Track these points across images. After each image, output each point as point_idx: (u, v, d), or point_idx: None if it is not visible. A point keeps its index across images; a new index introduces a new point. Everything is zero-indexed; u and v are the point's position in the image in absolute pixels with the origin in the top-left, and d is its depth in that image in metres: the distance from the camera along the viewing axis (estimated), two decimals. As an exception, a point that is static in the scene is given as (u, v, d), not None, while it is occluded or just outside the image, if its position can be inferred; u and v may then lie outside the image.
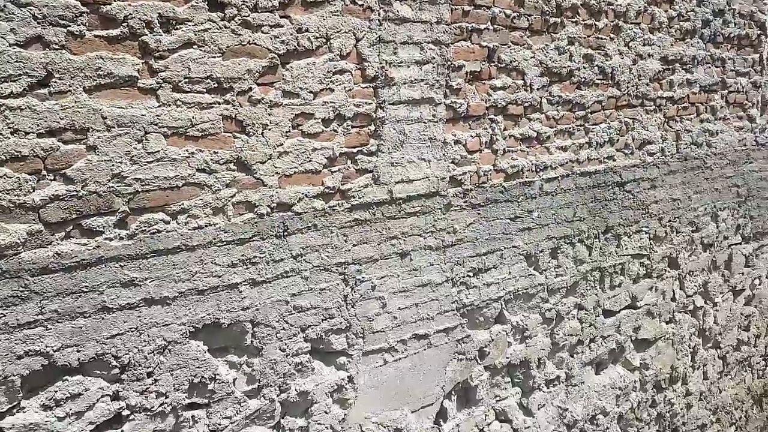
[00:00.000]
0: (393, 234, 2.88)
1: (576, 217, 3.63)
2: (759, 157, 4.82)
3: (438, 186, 2.96)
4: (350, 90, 2.59)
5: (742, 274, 5.12)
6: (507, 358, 3.57)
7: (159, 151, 2.15)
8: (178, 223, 2.24)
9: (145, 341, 2.26)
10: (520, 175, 3.29)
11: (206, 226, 2.30)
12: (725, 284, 4.98)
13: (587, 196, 3.64)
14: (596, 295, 3.94)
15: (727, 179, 4.56)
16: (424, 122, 2.86)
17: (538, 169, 3.35)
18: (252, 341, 2.56)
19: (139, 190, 2.14)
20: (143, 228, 2.18)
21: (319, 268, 2.67)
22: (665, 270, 4.36)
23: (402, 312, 3.04)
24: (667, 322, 4.56)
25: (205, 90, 2.22)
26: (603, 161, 3.67)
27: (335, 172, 2.59)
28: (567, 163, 3.48)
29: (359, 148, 2.65)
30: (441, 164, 2.94)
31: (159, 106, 2.14)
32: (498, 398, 3.62)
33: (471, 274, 3.27)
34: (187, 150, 2.21)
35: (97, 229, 2.08)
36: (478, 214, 3.19)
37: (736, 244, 4.91)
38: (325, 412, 2.86)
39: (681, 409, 4.96)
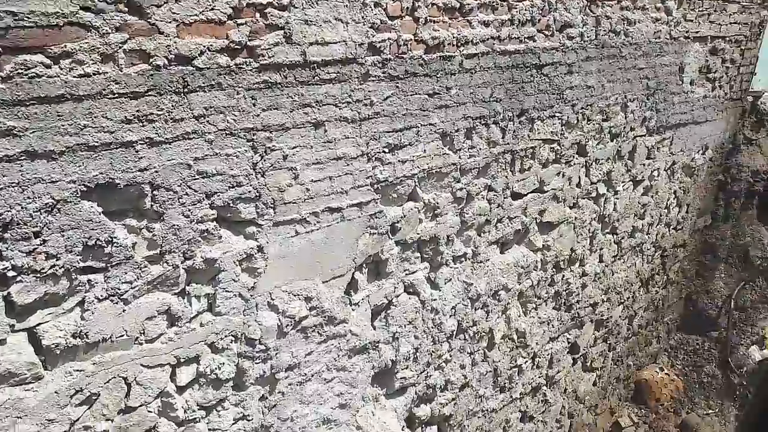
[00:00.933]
0: (306, 101, 2.75)
1: (493, 98, 3.61)
2: (671, 51, 4.94)
3: (356, 52, 2.82)
4: (260, -67, 2.34)
5: (644, 165, 5.41)
6: (417, 234, 3.64)
7: (32, -20, 1.86)
8: (61, 69, 2.01)
9: (29, 198, 2.09)
10: (441, 48, 3.18)
11: (94, 74, 2.08)
12: (627, 174, 5.25)
13: (505, 77, 3.61)
14: (506, 177, 4.03)
15: (639, 71, 4.67)
16: (342, -20, 2.65)
17: (459, 44, 3.25)
18: (152, 205, 2.43)
19: (12, 25, 1.88)
20: (19, 71, 1.93)
21: (225, 132, 2.52)
22: (574, 156, 4.51)
23: (315, 184, 2.98)
24: (570, 207, 4.79)
25: None
26: (523, 41, 3.61)
27: (242, 25, 2.38)
28: (488, 39, 3.40)
29: (269, 0, 2.43)
30: (359, 28, 2.78)
31: (29, -74, 1.83)
32: (407, 272, 3.73)
33: (386, 149, 3.22)
34: (66, -18, 1.93)
35: (-39, 67, 1.82)
36: (397, 87, 3.10)
37: (640, 136, 5.14)
38: (234, 280, 2.83)
39: (576, 288, 5.36)
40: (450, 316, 4.12)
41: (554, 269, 4.94)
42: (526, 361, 5.10)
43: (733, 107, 6.45)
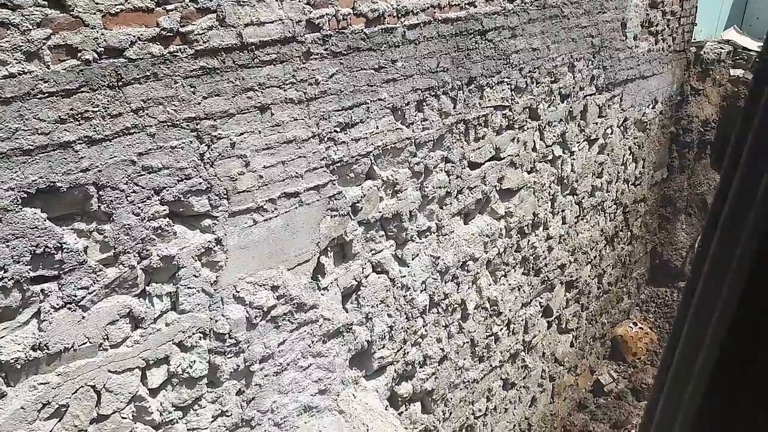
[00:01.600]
0: (248, 85, 2.70)
1: (440, 68, 3.60)
2: (611, 7, 5.00)
3: (294, 30, 2.77)
4: None
5: (596, 123, 5.49)
6: (379, 212, 3.63)
7: (-62, -21, 1.77)
8: (-18, 71, 1.92)
9: (-35, 210, 2.00)
10: (381, 20, 3.16)
11: (20, 74, 2.00)
12: (581, 134, 5.32)
13: (450, 45, 3.61)
14: (462, 147, 4.04)
15: (582, 29, 4.72)
16: (272, -42, 2.60)
17: (399, 15, 3.23)
18: (99, 206, 2.36)
19: None
20: (-64, 77, 1.84)
21: (167, 123, 2.46)
22: (526, 121, 4.55)
23: (268, 170, 2.93)
24: (528, 172, 4.84)
25: None
26: (464, 7, 3.61)
27: (171, 11, 2.32)
28: (428, 8, 3.38)
29: (197, -16, 2.37)
30: (295, 5, 2.73)
31: None
32: (374, 251, 3.72)
33: (338, 128, 3.19)
34: (-24, -21, 1.84)
35: None
36: (341, 63, 3.06)
37: (590, 95, 5.21)
38: (195, 276, 2.78)
39: (543, 252, 5.43)
40: (421, 291, 4.13)
41: (519, 235, 4.99)
42: (502, 329, 5.15)
43: (678, 59, 6.58)
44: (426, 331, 4.28)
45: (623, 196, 6.56)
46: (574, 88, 4.93)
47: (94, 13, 2.11)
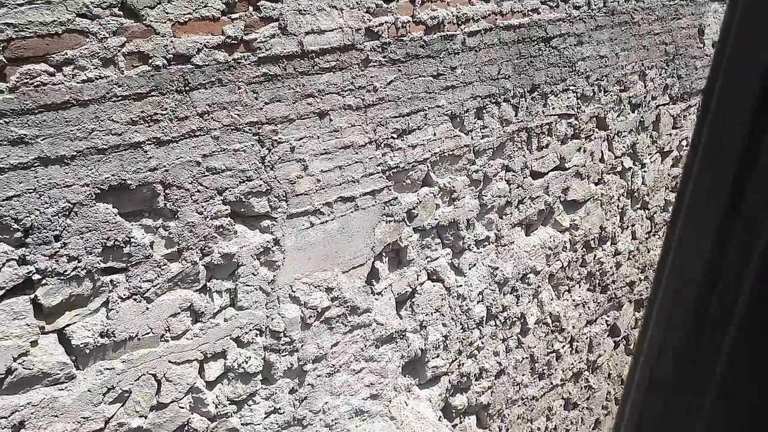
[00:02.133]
0: (308, 92, 2.79)
1: (501, 75, 3.58)
2: (687, 13, 4.80)
3: (353, 38, 2.85)
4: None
5: (670, 135, 5.26)
6: (436, 219, 3.63)
7: (28, -8, 1.96)
8: (65, 76, 2.10)
9: (46, 203, 2.18)
10: (441, 27, 3.18)
11: (97, 78, 2.16)
12: (653, 145, 5.12)
13: (512, 52, 3.58)
14: (524, 156, 3.99)
15: (654, 36, 4.56)
16: (333, -31, 2.69)
17: (459, 22, 3.25)
18: (165, 204, 2.50)
19: (13, 36, 1.97)
20: (25, 80, 2.03)
21: (230, 127, 2.58)
22: (593, 130, 4.43)
23: (325, 174, 3.01)
24: (595, 183, 4.70)
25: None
26: (527, 14, 3.58)
27: (236, 19, 2.44)
28: (490, 15, 3.38)
29: (261, -6, 2.49)
30: (355, 13, 2.81)
31: (22, -59, 1.92)
32: (429, 259, 3.72)
33: (395, 135, 3.23)
34: (61, -9, 2.02)
35: (-31, 80, 1.92)
36: (399, 70, 3.11)
37: (663, 105, 5.01)
38: (253, 274, 2.88)
39: (610, 267, 5.24)
40: (478, 302, 4.09)
41: (584, 249, 4.84)
42: (564, 346, 5.00)
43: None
44: (482, 343, 4.23)
45: (700, 213, 6.23)
46: (645, 97, 4.76)
47: (165, 23, 2.26)
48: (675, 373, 0.62)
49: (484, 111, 3.60)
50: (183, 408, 2.80)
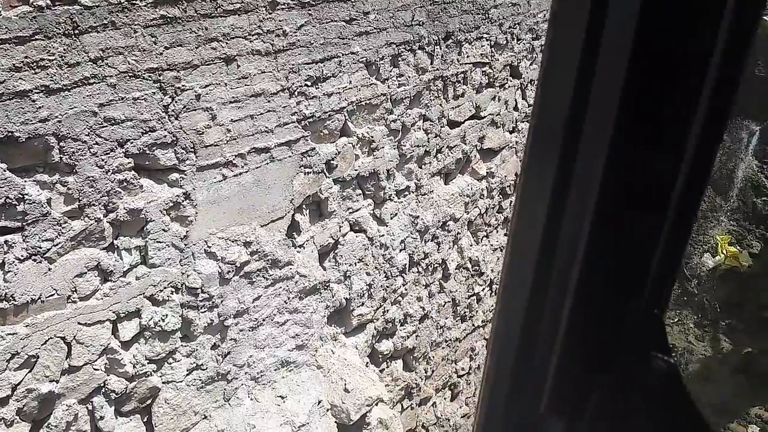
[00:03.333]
0: (212, 36, 2.66)
1: (415, 21, 3.55)
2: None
3: (257, -20, 2.72)
4: None
5: (580, 83, 5.44)
6: (355, 170, 3.62)
7: None
8: (-71, 15, 1.89)
9: None
10: (351, -29, 3.10)
11: (-32, 19, 1.96)
12: (564, 94, 5.27)
13: (425, -2, 3.55)
14: (440, 105, 4.01)
15: (564, -15, 4.63)
16: None
17: (369, -34, 3.17)
18: (61, 157, 2.35)
19: None
20: None
21: (128, 74, 2.43)
22: (507, 79, 4.50)
23: (236, 124, 2.91)
24: (510, 132, 4.81)
25: None
26: (439, -41, 3.54)
27: (126, -44, 2.27)
28: (400, -41, 3.32)
29: (153, -71, 2.32)
30: (257, -46, 2.68)
31: None
32: (351, 210, 3.72)
33: (309, 83, 3.16)
34: None
35: None
36: (309, 14, 3.01)
37: (574, 54, 5.14)
38: (164, 230, 2.78)
39: (527, 213, 5.44)
40: (400, 250, 4.15)
41: (501, 196, 4.99)
42: (484, 289, 5.19)
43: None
44: (406, 290, 4.31)
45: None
46: (556, 45, 4.87)
47: (44, -43, 2.07)
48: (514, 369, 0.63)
49: (400, 59, 3.57)
50: (98, 370, 2.71)
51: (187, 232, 2.87)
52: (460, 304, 4.90)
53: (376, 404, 3.76)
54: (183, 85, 2.61)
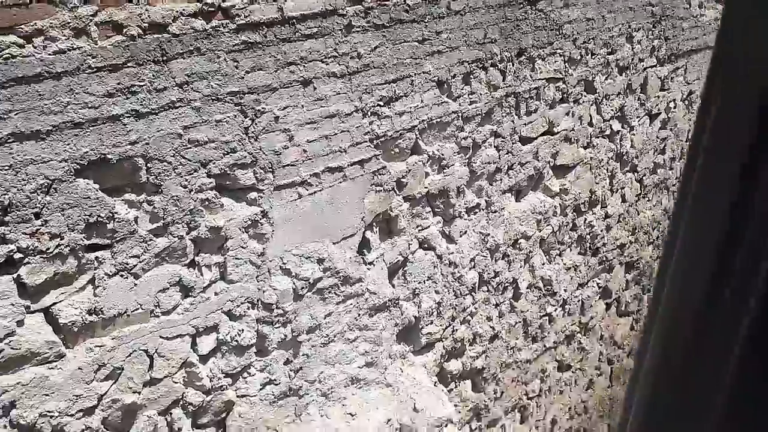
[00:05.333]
0: (290, 59, 2.73)
1: (487, 39, 3.52)
2: (675, -28, 4.73)
3: (335, 3, 2.77)
4: None
5: (658, 97, 5.23)
6: (425, 187, 3.61)
7: (-8, -41, 1.88)
8: (36, 47, 2.03)
9: (23, 180, 2.13)
10: (424, -9, 3.11)
11: (69, 50, 2.10)
12: (641, 108, 5.09)
13: (498, 16, 3.52)
14: (512, 121, 3.95)
15: (642, -4, 4.49)
16: (311, -70, 2.61)
17: (442, -15, 3.17)
18: (148, 178, 2.46)
19: (-21, 8, 1.90)
20: (-6, 53, 1.96)
21: (211, 97, 2.52)
22: (581, 94, 4.39)
23: (312, 144, 2.96)
24: (584, 147, 4.67)
25: None
26: (512, -24, 3.50)
27: (212, -15, 2.37)
28: (474, -23, 3.31)
29: (237, -42, 2.41)
30: (334, -22, 2.73)
31: None
32: (420, 227, 3.70)
33: (381, 102, 3.18)
34: (27, -42, 1.94)
35: (-64, 54, 1.86)
36: (383, 36, 3.04)
37: (651, 67, 4.96)
38: (242, 247, 2.86)
39: (601, 231, 5.26)
40: (470, 268, 4.09)
41: (575, 213, 4.84)
42: (556, 309, 5.04)
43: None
44: (475, 308, 4.24)
45: (689, 174, 6.24)
46: (632, 59, 4.71)
47: (138, -11, 2.18)
48: (683, 368, 0.60)
49: (471, 76, 3.55)
50: (177, 383, 2.79)
51: (263, 249, 2.94)
52: (531, 325, 4.77)
53: (446, 425, 3.70)
54: (263, 108, 2.68)
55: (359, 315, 3.47)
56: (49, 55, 2.06)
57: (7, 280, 2.21)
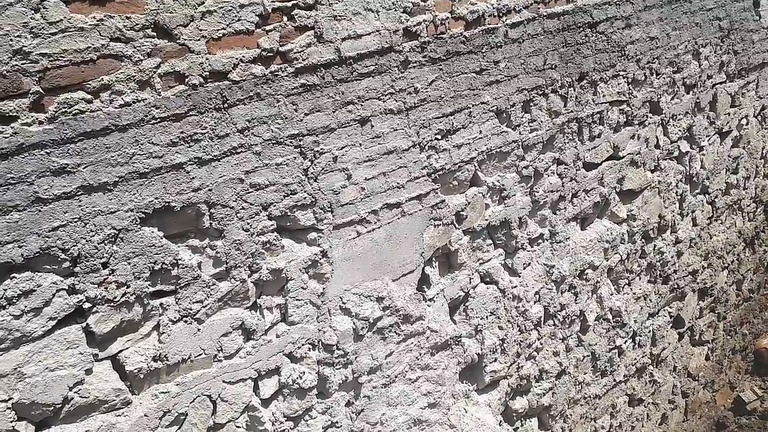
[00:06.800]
0: (348, 99, 2.70)
1: (547, 65, 3.41)
2: (743, -16, 4.51)
3: (391, 40, 2.74)
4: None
5: (728, 114, 4.96)
6: (486, 220, 3.50)
7: (62, 20, 1.93)
8: (102, 102, 2.07)
9: (92, 231, 2.16)
10: (482, 21, 3.04)
11: (134, 102, 2.13)
12: (711, 126, 4.83)
13: (557, 41, 3.41)
14: (575, 147, 3.81)
15: (707, 12, 4.28)
16: (367, -31, 2.59)
17: (500, 14, 3.10)
18: (211, 223, 2.46)
19: (49, 66, 1.95)
20: (63, 109, 2.00)
21: (271, 141, 2.52)
22: (647, 115, 4.20)
23: (369, 182, 2.92)
24: (652, 171, 4.46)
25: (103, -54, 1.97)
26: (571, 0, 3.40)
27: (270, 31, 2.37)
28: (532, 4, 3.22)
29: (294, 2, 2.41)
30: (391, 14, 2.70)
31: (53, -31, 1.89)
32: (481, 261, 3.59)
33: (439, 136, 3.12)
34: (94, 17, 1.98)
35: (10, 113, 1.91)
36: (440, 69, 2.99)
37: (720, 83, 4.71)
38: (302, 288, 2.82)
39: (671, 257, 4.99)
40: (534, 302, 3.93)
41: (643, 240, 4.61)
42: (626, 341, 4.78)
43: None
44: (541, 344, 4.07)
45: (764, 193, 5.88)
46: (700, 76, 4.49)
47: (199, 40, 2.20)
48: None
49: (531, 104, 3.44)
50: (240, 427, 2.76)
51: (323, 289, 2.89)
52: (600, 359, 4.54)
53: (514, 469, 3.53)
54: (321, 149, 2.66)
55: (420, 354, 3.37)
56: (115, 108, 2.09)
57: (77, 329, 2.23)
